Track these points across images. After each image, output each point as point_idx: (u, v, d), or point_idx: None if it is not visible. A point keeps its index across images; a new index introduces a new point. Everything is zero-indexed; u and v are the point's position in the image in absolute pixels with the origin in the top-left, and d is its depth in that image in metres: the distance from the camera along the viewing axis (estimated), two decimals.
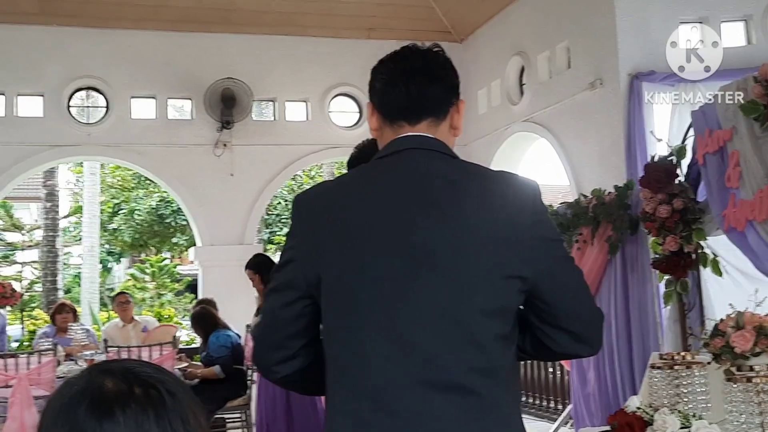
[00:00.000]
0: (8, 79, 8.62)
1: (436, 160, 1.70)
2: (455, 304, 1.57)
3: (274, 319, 1.71)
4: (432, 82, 1.76)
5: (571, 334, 1.68)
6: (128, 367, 0.98)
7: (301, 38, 9.23)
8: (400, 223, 1.62)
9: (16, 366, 5.73)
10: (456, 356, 1.55)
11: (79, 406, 0.92)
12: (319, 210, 1.71)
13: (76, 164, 20.30)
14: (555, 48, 7.81)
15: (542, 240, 1.65)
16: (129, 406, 0.92)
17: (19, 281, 19.57)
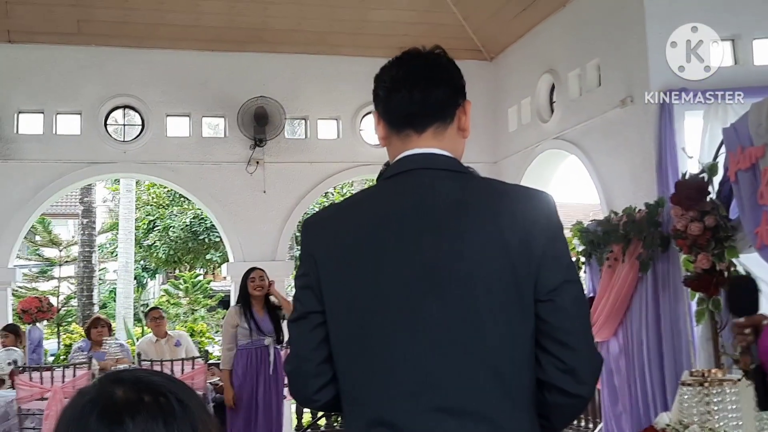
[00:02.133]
0: (47, 97, 8.82)
1: (445, 180, 1.65)
2: (467, 330, 1.53)
3: (303, 348, 1.69)
4: (436, 85, 1.70)
5: (559, 361, 1.57)
6: (139, 376, 0.99)
7: (333, 57, 9.33)
8: (408, 248, 1.58)
9: (51, 379, 5.83)
10: (469, 382, 1.52)
11: (91, 414, 0.93)
12: (328, 234, 1.68)
13: (113, 181, 20.62)
14: (586, 65, 7.81)
15: (553, 258, 1.58)
16: (138, 413, 0.93)
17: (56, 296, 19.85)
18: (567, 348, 1.57)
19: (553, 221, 1.62)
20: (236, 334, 6.46)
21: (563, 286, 1.58)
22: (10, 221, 8.62)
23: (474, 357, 1.53)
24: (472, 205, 1.60)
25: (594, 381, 1.62)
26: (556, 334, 1.57)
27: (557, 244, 1.61)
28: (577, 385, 1.58)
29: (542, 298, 1.57)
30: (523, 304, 1.56)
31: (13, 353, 7.27)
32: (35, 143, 8.77)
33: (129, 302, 18.60)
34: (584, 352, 1.58)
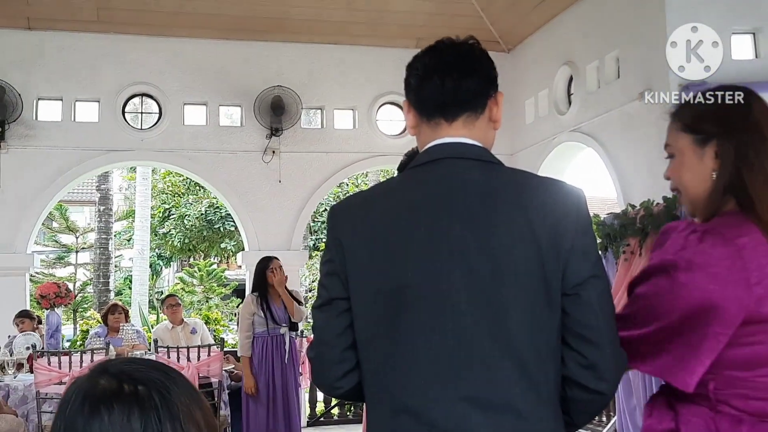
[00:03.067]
0: (66, 85, 8.88)
1: (475, 170, 1.64)
2: (494, 321, 1.53)
3: (327, 334, 1.69)
4: (468, 74, 1.69)
5: (580, 356, 1.57)
6: (124, 365, 1.01)
7: (350, 47, 9.33)
8: (437, 238, 1.57)
9: (69, 363, 5.88)
10: (495, 373, 1.52)
11: (74, 403, 0.96)
12: (355, 222, 1.67)
13: (129, 169, 20.72)
14: (604, 58, 7.77)
15: (581, 252, 1.57)
16: (115, 404, 0.95)
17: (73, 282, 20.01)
18: (589, 343, 1.56)
19: (583, 215, 1.61)
20: (253, 323, 6.50)
21: (590, 280, 1.57)
22: (28, 207, 8.69)
23: (500, 348, 1.53)
24: (501, 196, 1.60)
25: (616, 379, 1.60)
26: (579, 328, 1.56)
27: (586, 238, 1.60)
28: (598, 381, 1.57)
29: (568, 291, 1.56)
30: (550, 296, 1.55)
31: (31, 338, 7.35)
32: (54, 130, 8.83)
33: (144, 289, 18.72)
34: (606, 349, 1.57)
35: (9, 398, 6.16)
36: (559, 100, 8.67)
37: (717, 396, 1.63)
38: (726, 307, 1.56)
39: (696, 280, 1.58)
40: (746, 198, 1.67)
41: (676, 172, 1.83)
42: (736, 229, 1.61)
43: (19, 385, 6.27)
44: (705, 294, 1.57)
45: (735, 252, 1.58)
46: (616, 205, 7.61)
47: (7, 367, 6.54)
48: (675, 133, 1.83)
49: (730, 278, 1.57)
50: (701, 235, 1.61)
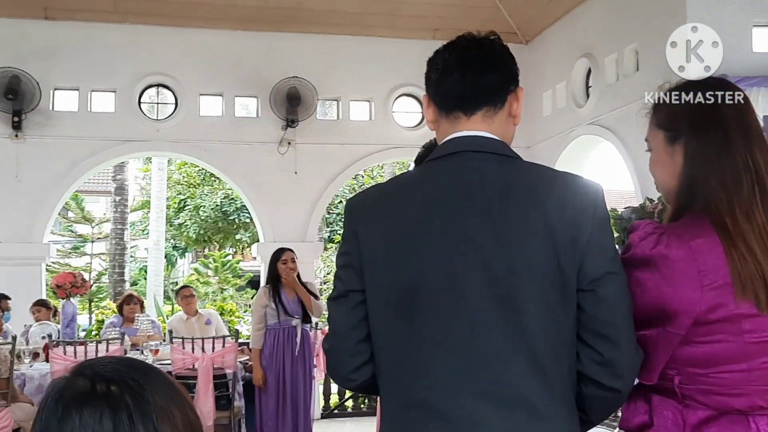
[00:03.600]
0: (83, 75, 8.89)
1: (492, 164, 1.63)
2: (508, 316, 1.52)
3: (341, 326, 1.69)
4: (488, 69, 1.68)
5: (596, 353, 1.56)
6: (99, 365, 1.00)
7: (367, 38, 9.30)
8: (453, 231, 1.57)
9: (85, 353, 5.89)
10: (509, 368, 1.52)
11: (50, 404, 0.96)
12: (371, 215, 1.68)
13: (144, 160, 20.79)
14: (623, 50, 7.70)
15: (598, 247, 1.55)
16: (86, 405, 0.94)
17: (88, 272, 20.13)
18: (605, 340, 1.55)
19: (601, 211, 1.59)
20: (266, 314, 6.50)
21: (606, 276, 1.55)
22: (45, 197, 8.72)
23: (514, 343, 1.52)
24: (519, 191, 1.58)
25: (632, 376, 1.59)
26: (595, 325, 1.55)
27: (603, 234, 1.58)
28: (613, 378, 1.56)
29: (584, 287, 1.54)
30: (566, 292, 1.54)
31: (47, 327, 7.38)
32: (70, 120, 8.86)
33: (159, 280, 18.80)
34: (622, 345, 1.56)
35: (25, 387, 6.19)
36: (577, 93, 8.60)
37: (682, 390, 1.64)
38: (678, 310, 1.58)
39: (651, 280, 1.61)
40: (704, 198, 1.68)
41: (652, 168, 1.86)
42: (693, 231, 1.62)
43: (35, 374, 6.30)
44: (658, 294, 1.60)
45: (689, 254, 1.59)
46: (634, 198, 7.55)
47: (23, 356, 6.57)
48: (652, 129, 1.85)
49: (683, 280, 1.58)
50: (658, 237, 1.63)
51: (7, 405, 5.61)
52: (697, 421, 1.62)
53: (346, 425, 8.69)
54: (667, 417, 1.66)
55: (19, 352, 6.36)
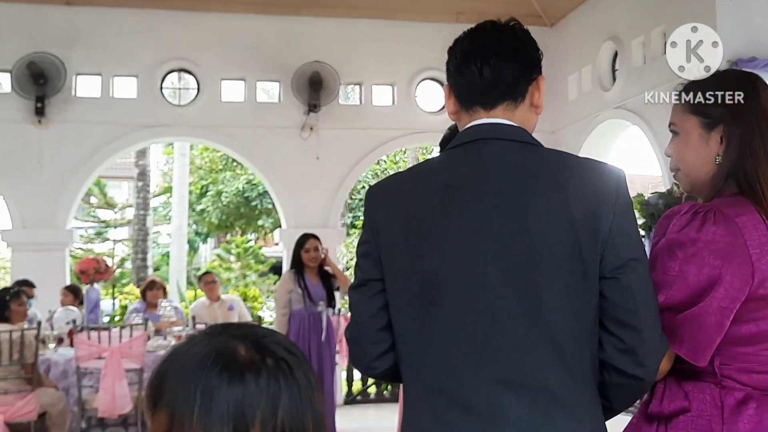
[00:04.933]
0: (104, 60, 8.89)
1: (512, 151, 1.61)
2: (528, 303, 1.52)
3: (362, 315, 1.70)
4: (507, 61, 1.65)
5: (618, 340, 1.54)
6: (259, 335, 0.99)
7: (389, 22, 9.21)
8: (473, 219, 1.56)
9: (109, 338, 5.91)
10: (529, 355, 1.51)
11: (213, 369, 0.93)
12: (391, 203, 1.67)
13: (167, 145, 20.86)
14: (650, 33, 7.58)
15: (620, 234, 1.54)
16: (261, 374, 0.94)
17: (111, 258, 20.26)
18: (627, 327, 1.53)
19: (623, 197, 1.57)
20: (290, 300, 6.48)
21: (629, 264, 1.53)
22: (68, 183, 8.75)
23: (534, 330, 1.51)
24: (539, 178, 1.57)
25: (655, 364, 1.57)
26: (618, 312, 1.53)
27: (626, 221, 1.56)
28: (636, 366, 1.54)
29: (607, 275, 1.53)
30: (587, 280, 1.53)
31: (71, 313, 7.42)
32: (92, 106, 8.86)
33: (182, 266, 18.86)
34: (645, 333, 1.54)
35: (50, 372, 6.23)
36: (603, 77, 8.48)
37: (722, 371, 1.65)
38: (732, 282, 1.59)
39: (702, 255, 1.61)
40: (747, 184, 1.70)
41: (681, 152, 1.85)
42: (737, 209, 1.64)
43: (60, 360, 6.34)
44: (712, 269, 1.59)
45: (736, 230, 1.60)
46: (661, 184, 7.45)
47: (48, 341, 6.62)
48: (681, 114, 1.84)
49: (733, 254, 1.59)
50: (704, 215, 1.64)
51: (32, 390, 5.65)
52: (735, 402, 1.63)
53: (369, 411, 8.68)
54: (705, 400, 1.66)
55: (43, 338, 6.41)
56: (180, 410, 0.92)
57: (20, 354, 5.56)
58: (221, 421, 0.91)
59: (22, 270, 8.37)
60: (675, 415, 1.69)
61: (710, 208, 1.65)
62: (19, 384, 5.64)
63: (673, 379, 1.72)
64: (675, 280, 1.64)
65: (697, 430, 1.65)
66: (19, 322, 5.89)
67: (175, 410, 0.92)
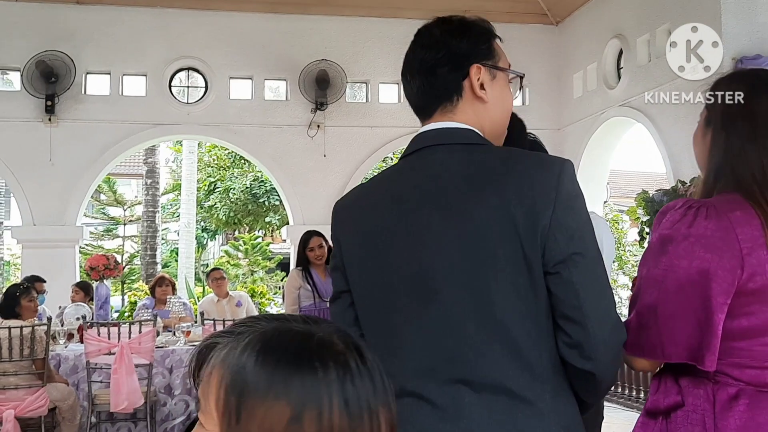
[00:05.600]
0: (114, 59, 8.97)
1: (455, 154, 1.61)
2: (479, 306, 1.53)
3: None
4: (428, 68, 1.65)
5: (566, 335, 1.53)
6: (341, 331, 0.96)
7: (396, 20, 9.25)
8: (419, 228, 1.58)
9: (118, 334, 5.97)
10: (485, 356, 1.53)
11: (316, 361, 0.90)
12: (349, 219, 1.72)
13: (175, 143, 20.94)
14: (655, 31, 7.60)
15: (561, 228, 1.51)
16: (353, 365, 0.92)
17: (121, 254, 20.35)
18: (572, 322, 1.52)
19: (565, 190, 1.53)
20: (299, 296, 6.52)
21: (571, 258, 1.51)
22: (78, 180, 8.84)
23: (487, 331, 1.53)
24: (479, 180, 1.57)
25: (605, 357, 1.54)
26: (563, 307, 1.53)
27: (568, 213, 1.52)
28: (583, 360, 1.53)
29: (550, 270, 1.52)
30: (534, 277, 1.52)
31: (81, 309, 7.49)
32: (102, 104, 8.95)
33: (190, 262, 18.94)
34: (591, 328, 1.51)
35: (60, 367, 6.29)
36: (608, 74, 8.51)
37: (717, 366, 1.63)
38: (723, 276, 1.58)
39: (693, 249, 1.61)
40: (737, 183, 1.70)
41: (693, 143, 1.90)
42: (730, 205, 1.64)
43: (70, 355, 6.40)
44: (702, 263, 1.59)
45: (728, 224, 1.60)
46: (666, 181, 7.48)
47: (58, 337, 6.68)
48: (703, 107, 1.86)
49: (723, 248, 1.59)
50: (697, 210, 1.64)
51: (43, 385, 5.71)
52: (728, 398, 1.63)
53: None
54: (699, 395, 1.66)
55: (54, 333, 6.47)
56: (313, 400, 0.88)
57: (31, 349, 5.63)
58: (371, 404, 0.91)
59: (33, 266, 8.47)
60: (671, 410, 1.70)
61: (704, 204, 1.66)
62: (29, 379, 5.70)
63: (670, 374, 1.73)
64: (666, 275, 1.64)
65: (691, 424, 1.66)
66: (29, 317, 5.96)
67: (306, 402, 0.88)
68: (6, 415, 5.51)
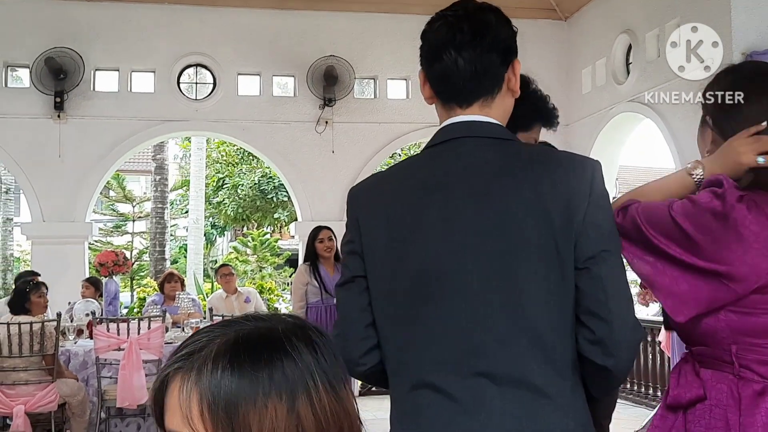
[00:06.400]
0: (123, 55, 8.99)
1: (488, 148, 1.61)
2: (507, 298, 1.53)
3: (349, 311, 1.71)
4: (481, 53, 1.60)
5: (589, 331, 1.54)
6: (292, 317, 0.99)
7: (404, 16, 9.23)
8: (451, 217, 1.57)
9: (128, 330, 5.99)
10: (510, 349, 1.53)
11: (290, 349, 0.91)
12: (371, 203, 1.69)
13: (184, 139, 20.97)
14: (665, 26, 7.56)
15: (593, 225, 1.54)
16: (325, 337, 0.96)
17: (130, 250, 20.41)
18: (597, 318, 1.53)
19: (596, 188, 1.56)
20: (306, 292, 6.53)
21: (601, 254, 1.53)
22: (87, 177, 8.86)
23: (514, 324, 1.53)
24: (513, 173, 1.57)
25: (624, 355, 1.55)
26: (589, 303, 1.54)
27: (598, 211, 1.55)
28: (605, 357, 1.54)
29: (579, 266, 1.53)
30: (564, 272, 1.53)
31: (90, 304, 7.52)
32: (111, 100, 8.97)
33: (199, 258, 18.99)
34: (615, 324, 1.53)
35: (70, 363, 6.32)
36: (617, 70, 8.48)
37: (740, 360, 1.63)
38: (744, 273, 1.58)
39: (723, 233, 1.60)
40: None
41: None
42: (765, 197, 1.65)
43: (80, 351, 6.43)
44: (725, 251, 1.59)
45: (765, 221, 1.60)
46: None
47: (67, 332, 6.71)
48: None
49: (755, 245, 1.58)
50: (741, 196, 1.62)
51: (53, 380, 5.74)
52: (753, 394, 1.62)
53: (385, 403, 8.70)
54: (722, 390, 1.65)
55: (63, 329, 6.50)
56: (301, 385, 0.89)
57: (41, 345, 5.66)
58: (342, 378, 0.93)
59: (42, 262, 8.50)
60: (692, 404, 1.69)
61: (747, 195, 1.64)
62: (39, 375, 5.73)
63: (689, 367, 1.73)
64: (710, 240, 1.61)
65: (714, 419, 1.66)
66: (39, 313, 5.99)
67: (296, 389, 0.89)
68: (16, 411, 5.54)
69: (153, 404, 0.93)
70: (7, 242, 19.92)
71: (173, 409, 0.89)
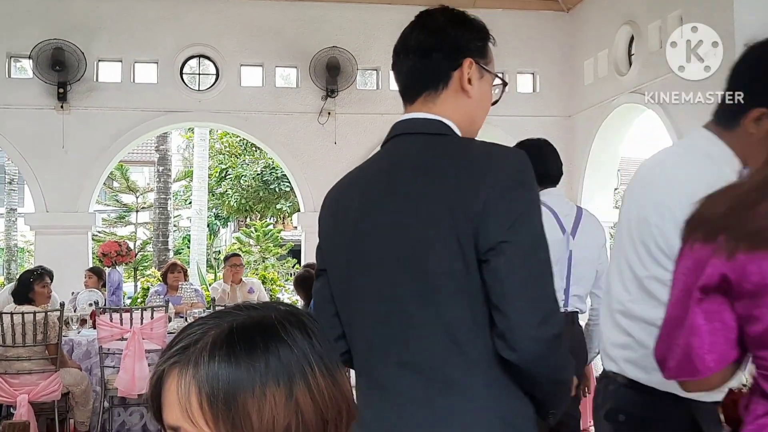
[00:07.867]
0: (126, 46, 9.00)
1: (419, 144, 1.66)
2: (424, 290, 1.56)
3: (319, 302, 1.82)
4: (426, 52, 1.69)
5: (495, 324, 1.53)
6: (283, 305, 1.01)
7: (406, 7, 9.10)
8: (375, 214, 1.66)
9: (131, 320, 6.02)
10: (425, 340, 1.57)
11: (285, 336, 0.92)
12: (329, 204, 1.82)
13: (187, 130, 20.98)
14: (667, 17, 7.56)
15: (494, 215, 1.51)
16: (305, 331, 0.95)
17: (133, 241, 20.44)
18: (498, 311, 1.52)
19: (504, 176, 1.54)
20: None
21: (499, 246, 1.50)
22: (90, 167, 8.89)
23: (429, 316, 1.56)
24: (427, 168, 1.61)
25: (531, 349, 1.50)
26: (491, 296, 1.52)
27: (502, 201, 1.52)
28: (509, 351, 1.51)
29: (482, 257, 1.52)
30: (468, 266, 1.53)
31: (94, 294, 7.55)
32: (114, 91, 8.98)
33: (202, 249, 19.00)
34: (515, 318, 1.50)
35: (73, 353, 6.36)
36: (619, 61, 8.48)
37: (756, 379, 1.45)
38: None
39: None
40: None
41: None
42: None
43: (83, 340, 6.47)
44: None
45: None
46: None
47: (71, 322, 6.75)
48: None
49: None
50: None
51: (56, 370, 5.77)
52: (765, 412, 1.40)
53: None
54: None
55: (67, 319, 6.53)
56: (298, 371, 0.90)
57: (44, 335, 5.69)
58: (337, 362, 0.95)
59: (46, 253, 8.55)
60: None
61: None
62: (43, 364, 5.76)
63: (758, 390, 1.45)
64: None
65: None
66: (42, 303, 6.02)
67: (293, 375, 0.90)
68: (20, 400, 5.58)
69: (150, 399, 0.94)
70: (11, 233, 19.98)
71: (172, 403, 0.90)
